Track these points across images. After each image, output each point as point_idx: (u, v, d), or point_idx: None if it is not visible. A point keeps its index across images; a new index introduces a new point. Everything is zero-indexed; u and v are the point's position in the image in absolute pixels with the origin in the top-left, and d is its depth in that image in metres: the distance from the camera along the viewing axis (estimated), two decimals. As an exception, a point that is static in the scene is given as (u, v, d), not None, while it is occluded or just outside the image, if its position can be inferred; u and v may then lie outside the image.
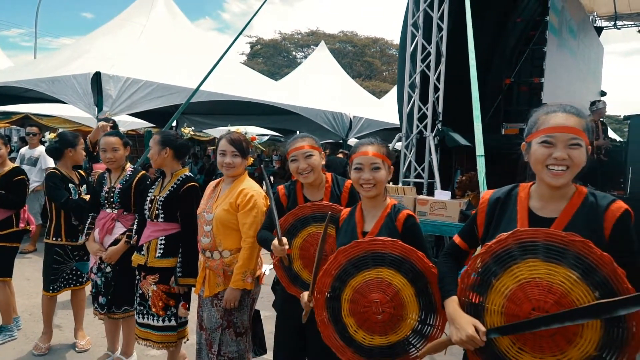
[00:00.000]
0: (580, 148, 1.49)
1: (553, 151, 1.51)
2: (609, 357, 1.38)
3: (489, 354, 1.52)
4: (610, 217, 1.48)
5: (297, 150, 2.40)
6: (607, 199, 1.52)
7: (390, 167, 2.05)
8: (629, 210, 1.49)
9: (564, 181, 1.51)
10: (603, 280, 1.38)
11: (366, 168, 1.98)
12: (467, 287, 1.58)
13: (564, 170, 1.50)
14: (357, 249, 1.86)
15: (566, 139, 1.50)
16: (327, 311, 1.90)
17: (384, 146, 2.06)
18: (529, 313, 1.44)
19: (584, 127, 1.52)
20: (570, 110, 1.54)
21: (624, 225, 1.47)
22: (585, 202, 1.53)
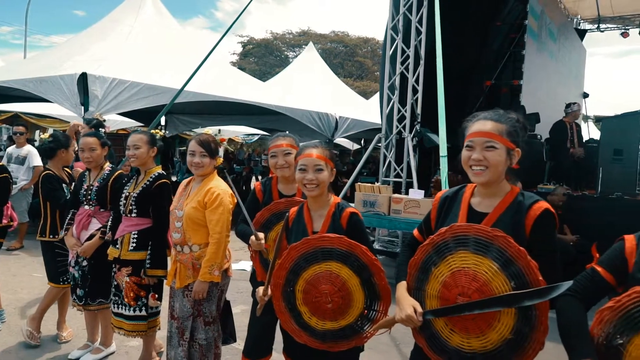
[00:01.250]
0: (495, 150, 1.66)
1: (472, 153, 1.68)
2: (521, 340, 1.55)
3: (428, 334, 1.69)
4: (531, 216, 1.64)
5: (277, 147, 2.60)
6: (532, 199, 1.69)
7: (333, 170, 2.20)
8: (549, 209, 1.65)
9: (484, 179, 1.68)
10: (518, 272, 1.55)
11: (310, 169, 2.12)
12: (412, 275, 1.74)
13: (482, 169, 1.68)
14: (308, 245, 2.01)
15: (482, 142, 1.67)
16: (284, 301, 2.06)
17: (327, 149, 2.21)
18: (456, 298, 1.60)
19: (503, 131, 1.68)
20: (488, 117, 1.72)
21: (543, 224, 1.63)
22: (515, 200, 1.70)
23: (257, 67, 28.64)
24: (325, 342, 2.01)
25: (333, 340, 2.00)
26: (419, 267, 1.70)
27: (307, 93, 11.32)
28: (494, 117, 1.72)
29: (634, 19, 13.43)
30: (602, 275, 1.49)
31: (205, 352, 2.88)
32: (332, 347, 2.01)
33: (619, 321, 1.36)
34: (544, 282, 1.52)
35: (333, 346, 2.01)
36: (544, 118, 7.99)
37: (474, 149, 1.69)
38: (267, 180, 2.72)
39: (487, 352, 1.58)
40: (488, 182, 1.70)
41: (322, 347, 2.02)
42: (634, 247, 1.46)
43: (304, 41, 28.73)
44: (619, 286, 1.46)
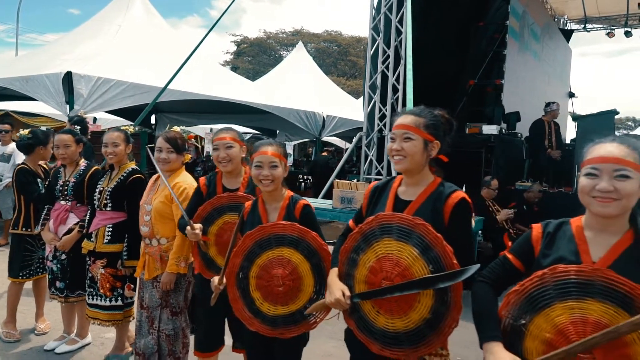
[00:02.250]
0: (412, 141, 1.82)
1: (393, 144, 1.84)
2: (438, 318, 1.69)
3: (357, 316, 1.83)
4: (449, 204, 1.79)
5: (220, 140, 2.65)
6: (451, 188, 1.83)
7: (286, 166, 2.33)
8: (465, 199, 1.80)
9: (402, 167, 1.85)
10: (436, 257, 1.68)
11: (265, 166, 2.25)
12: (343, 261, 1.87)
13: (400, 158, 1.84)
14: (262, 232, 2.14)
15: (401, 133, 1.84)
16: (237, 288, 2.19)
17: (282, 147, 2.34)
18: (380, 282, 1.73)
19: (420, 124, 1.83)
20: (407, 111, 1.88)
21: (459, 212, 1.78)
22: (436, 190, 1.85)
23: (250, 67, 28.77)
24: (277, 328, 2.13)
25: (284, 326, 2.12)
26: (348, 254, 1.83)
27: (295, 92, 11.45)
28: (415, 112, 1.88)
29: (619, 19, 13.62)
30: (512, 262, 1.62)
31: (172, 342, 3.00)
32: (282, 334, 2.13)
33: (523, 303, 1.48)
34: (458, 266, 1.65)
35: (284, 332, 2.12)
36: (528, 117, 8.14)
37: (395, 140, 1.84)
38: (212, 175, 2.79)
39: (410, 331, 1.72)
40: (407, 170, 1.86)
41: (273, 334, 2.13)
42: (539, 235, 1.59)
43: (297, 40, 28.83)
44: (527, 272, 1.59)
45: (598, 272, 1.39)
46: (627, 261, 1.43)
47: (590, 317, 1.36)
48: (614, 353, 1.31)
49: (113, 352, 3.44)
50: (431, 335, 1.70)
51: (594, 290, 1.37)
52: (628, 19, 13.30)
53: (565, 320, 1.38)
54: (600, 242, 1.49)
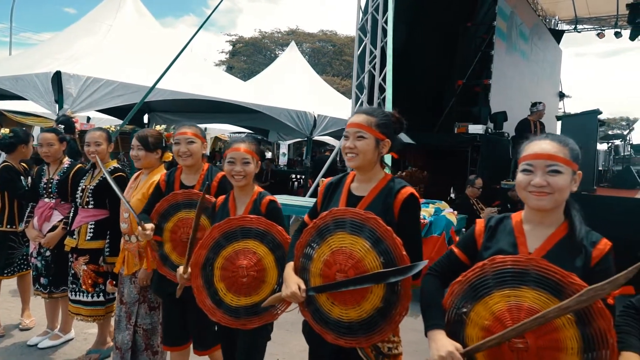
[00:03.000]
0: (364, 139, 1.90)
1: (347, 142, 1.93)
2: (390, 307, 1.77)
3: (313, 308, 1.90)
4: (399, 199, 1.87)
5: (181, 135, 2.69)
6: (400, 184, 1.91)
7: (258, 162, 2.40)
8: (413, 194, 1.88)
9: (354, 164, 1.93)
10: (387, 249, 1.76)
11: (238, 162, 2.31)
12: (299, 255, 1.95)
13: (353, 156, 1.92)
14: (229, 225, 2.22)
15: (354, 132, 1.92)
16: (202, 278, 2.26)
17: (254, 144, 2.40)
18: (335, 275, 1.81)
19: (372, 123, 1.92)
20: (362, 111, 1.97)
21: (408, 206, 1.87)
22: (386, 186, 1.93)
23: (246, 66, 28.82)
24: (239, 318, 2.19)
25: (246, 317, 2.19)
26: (303, 249, 1.91)
27: (287, 92, 11.50)
28: (367, 111, 1.96)
29: (610, 19, 13.74)
30: (458, 255, 1.70)
31: (150, 336, 3.08)
32: (245, 325, 2.19)
33: (464, 293, 1.55)
34: (407, 257, 1.74)
35: (246, 323, 2.19)
36: (516, 116, 8.23)
37: (349, 138, 1.91)
38: (172, 171, 2.84)
39: (363, 320, 1.80)
40: (359, 167, 1.94)
41: (236, 325, 2.19)
42: (482, 229, 1.68)
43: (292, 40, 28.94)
44: (472, 264, 1.66)
45: (533, 261, 1.47)
46: (561, 251, 1.52)
47: (525, 304, 1.43)
48: (545, 337, 1.39)
49: (95, 347, 3.51)
50: (383, 324, 1.79)
51: (529, 279, 1.45)
52: (618, 20, 13.42)
53: (502, 308, 1.46)
54: (537, 234, 1.57)
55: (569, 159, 1.53)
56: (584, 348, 1.36)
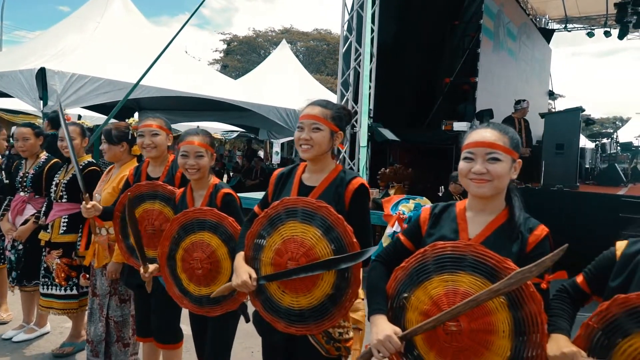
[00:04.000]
0: (320, 131, 1.92)
1: (301, 134, 1.95)
2: (340, 293, 1.80)
3: (263, 297, 1.92)
4: (350, 189, 1.90)
5: (145, 127, 2.70)
6: (351, 175, 1.94)
7: (213, 155, 2.40)
8: (364, 184, 1.92)
9: (309, 155, 1.94)
10: (338, 237, 1.79)
11: (191, 155, 2.32)
12: (250, 245, 1.97)
13: (308, 148, 1.93)
14: (186, 217, 2.25)
15: (310, 124, 1.94)
16: (168, 269, 2.29)
17: (208, 137, 2.41)
18: (286, 263, 1.83)
19: (327, 116, 1.95)
20: (317, 103, 1.99)
21: (358, 197, 1.90)
22: (338, 176, 1.96)
23: (240, 65, 28.79)
24: (202, 307, 2.24)
25: (209, 306, 2.22)
26: (254, 238, 1.93)
27: (277, 90, 11.52)
28: (322, 103, 1.99)
29: (599, 19, 13.79)
30: (403, 242, 1.72)
31: (121, 328, 3.10)
32: (208, 312, 2.24)
33: (406, 278, 1.58)
34: (357, 244, 1.76)
35: (209, 311, 2.23)
36: (503, 114, 8.24)
37: (304, 130, 1.93)
38: (139, 165, 2.87)
39: (313, 307, 1.82)
40: (314, 158, 1.95)
41: (201, 312, 2.25)
42: (427, 216, 1.70)
43: (286, 39, 28.91)
44: (416, 250, 1.68)
45: (471, 247, 1.49)
46: (499, 237, 1.54)
47: (461, 289, 1.46)
48: (478, 321, 1.42)
49: (69, 340, 3.53)
50: (334, 309, 1.81)
51: (466, 264, 1.48)
52: (607, 19, 13.47)
53: (440, 292, 1.49)
54: (478, 221, 1.60)
55: (509, 147, 1.56)
56: (515, 331, 1.39)
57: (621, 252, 1.46)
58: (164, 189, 2.57)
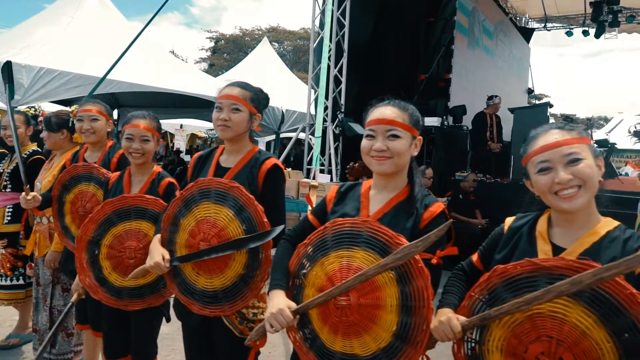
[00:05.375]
0: (239, 112, 1.93)
1: (220, 114, 1.93)
2: (251, 272, 1.79)
3: (179, 280, 1.91)
4: (263, 170, 1.91)
5: (85, 112, 2.68)
6: (265, 155, 1.95)
7: (159, 140, 2.37)
8: (277, 165, 1.93)
9: (226, 135, 1.95)
10: (249, 217, 1.78)
11: (136, 139, 2.27)
12: (166, 227, 1.95)
13: (226, 128, 1.93)
14: (123, 202, 2.20)
15: (228, 104, 1.93)
16: (87, 254, 2.22)
17: (155, 121, 2.38)
18: (198, 244, 1.82)
19: (247, 97, 1.96)
20: (234, 84, 2.00)
21: (271, 176, 1.91)
22: (253, 157, 1.96)
23: (226, 63, 28.68)
24: (121, 299, 2.17)
25: (129, 299, 2.16)
26: (170, 220, 1.91)
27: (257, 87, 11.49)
28: (241, 85, 1.98)
29: (578, 18, 13.92)
30: (311, 221, 1.72)
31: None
32: (126, 306, 2.17)
33: (306, 254, 1.57)
34: (267, 223, 1.76)
35: (128, 304, 2.16)
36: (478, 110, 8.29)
37: (222, 110, 1.92)
38: (77, 150, 2.85)
39: (226, 288, 1.81)
40: (231, 139, 1.95)
41: (117, 305, 2.17)
42: (333, 195, 1.70)
43: (273, 37, 28.89)
44: None
45: (367, 223, 1.49)
46: (397, 213, 1.55)
47: (354, 264, 1.46)
48: (368, 296, 1.42)
49: (15, 332, 3.49)
50: (245, 289, 1.81)
51: (361, 240, 1.48)
52: (586, 19, 13.59)
53: (335, 268, 1.48)
54: (379, 198, 1.61)
55: (409, 124, 1.56)
56: (401, 305, 1.39)
57: (508, 226, 1.47)
58: (98, 172, 2.54)
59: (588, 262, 1.21)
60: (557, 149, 1.32)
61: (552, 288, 1.18)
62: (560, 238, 1.36)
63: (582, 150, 1.32)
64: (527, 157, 1.39)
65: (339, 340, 1.45)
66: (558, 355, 1.19)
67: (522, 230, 1.43)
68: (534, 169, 1.36)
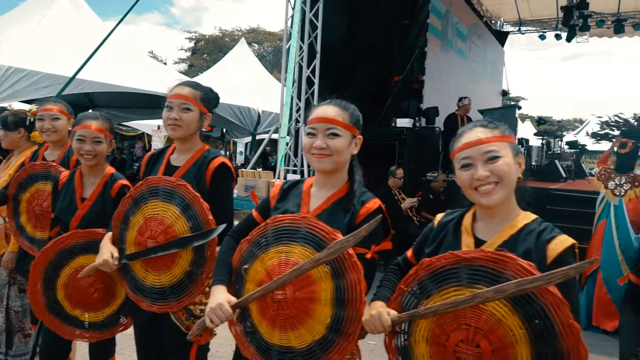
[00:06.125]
0: (190, 112, 1.96)
1: (170, 114, 1.95)
2: (197, 269, 1.82)
3: (129, 277, 1.92)
4: (210, 168, 1.94)
5: (45, 111, 2.66)
6: (214, 154, 1.99)
7: (112, 141, 2.34)
8: (224, 163, 1.96)
9: (176, 135, 1.97)
10: (195, 214, 1.81)
11: (88, 140, 2.23)
12: (117, 225, 1.96)
13: (177, 127, 1.95)
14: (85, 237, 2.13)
15: (178, 103, 1.96)
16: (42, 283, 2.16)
17: (107, 122, 2.35)
18: (145, 241, 1.84)
19: (197, 97, 1.99)
20: (184, 83, 2.04)
21: (218, 175, 1.95)
22: (202, 156, 1.99)
23: (206, 64, 28.52)
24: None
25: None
26: (121, 218, 1.93)
27: (232, 88, 11.47)
28: (191, 84, 2.01)
29: (551, 22, 14.21)
30: (254, 217, 1.74)
31: (21, 318, 3.03)
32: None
33: (248, 250, 1.60)
34: (213, 221, 1.79)
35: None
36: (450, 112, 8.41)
37: (173, 110, 1.94)
38: (37, 149, 2.84)
39: (173, 285, 1.84)
40: (181, 138, 1.99)
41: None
42: (277, 192, 1.74)
43: (252, 38, 28.83)
44: None
45: (305, 219, 1.53)
46: (335, 210, 1.59)
47: (292, 259, 1.49)
48: (303, 290, 1.46)
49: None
50: (191, 286, 1.83)
51: (299, 235, 1.51)
52: (558, 23, 13.88)
53: (275, 263, 1.52)
54: (320, 195, 1.65)
55: (349, 123, 1.61)
56: (335, 299, 1.43)
57: (438, 222, 1.53)
58: (56, 170, 2.52)
59: (504, 253, 1.27)
60: (478, 147, 1.38)
61: (479, 294, 1.23)
62: (483, 231, 1.42)
63: (501, 149, 1.38)
64: (452, 153, 1.45)
65: (276, 333, 1.48)
66: (476, 342, 1.25)
67: (449, 225, 1.48)
68: (457, 165, 1.42)
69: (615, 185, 4.26)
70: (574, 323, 1.19)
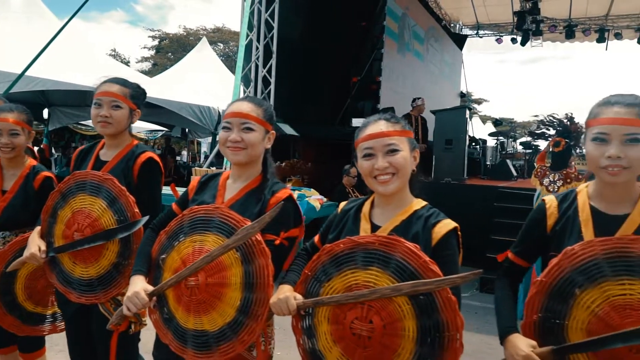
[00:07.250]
0: (119, 109, 2.03)
1: (100, 110, 2.01)
2: (125, 262, 1.89)
3: (58, 270, 1.97)
4: (138, 163, 2.02)
5: None
6: (142, 149, 2.06)
7: (31, 133, 2.32)
8: (152, 158, 2.04)
9: (107, 131, 2.03)
10: (121, 208, 1.88)
11: (4, 133, 2.21)
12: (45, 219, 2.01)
13: (107, 124, 2.01)
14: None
15: (107, 101, 2.02)
16: None
17: (25, 114, 2.30)
18: (73, 234, 1.89)
19: (126, 94, 2.06)
20: (113, 81, 2.09)
21: (145, 170, 2.02)
22: (130, 151, 2.07)
23: (170, 63, 28.15)
24: None
25: None
26: (49, 212, 1.98)
27: (193, 87, 11.44)
28: (120, 82, 2.07)
29: (507, 26, 14.69)
30: (174, 209, 1.79)
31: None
32: None
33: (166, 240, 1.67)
34: (139, 214, 1.86)
35: None
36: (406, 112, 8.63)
37: (102, 107, 2.00)
38: None
39: (101, 276, 1.90)
40: (111, 134, 2.05)
41: None
42: (195, 184, 1.81)
43: (218, 37, 28.63)
44: None
45: (218, 209, 1.62)
46: (247, 200, 1.69)
47: (205, 247, 1.58)
48: (215, 275, 1.54)
49: None
50: (119, 277, 1.90)
51: (213, 225, 1.60)
52: (514, 27, 14.37)
53: (189, 252, 1.60)
54: (235, 187, 1.74)
55: (262, 118, 1.70)
56: (244, 283, 1.52)
57: (341, 209, 1.65)
58: None
59: (393, 237, 1.39)
60: (380, 139, 1.50)
61: (377, 290, 1.35)
62: (379, 217, 1.54)
63: (400, 142, 1.50)
64: (356, 142, 1.56)
65: (191, 318, 1.56)
66: (369, 318, 1.36)
67: (350, 213, 1.60)
68: (360, 154, 1.53)
69: (549, 182, 4.50)
70: (452, 297, 1.32)
